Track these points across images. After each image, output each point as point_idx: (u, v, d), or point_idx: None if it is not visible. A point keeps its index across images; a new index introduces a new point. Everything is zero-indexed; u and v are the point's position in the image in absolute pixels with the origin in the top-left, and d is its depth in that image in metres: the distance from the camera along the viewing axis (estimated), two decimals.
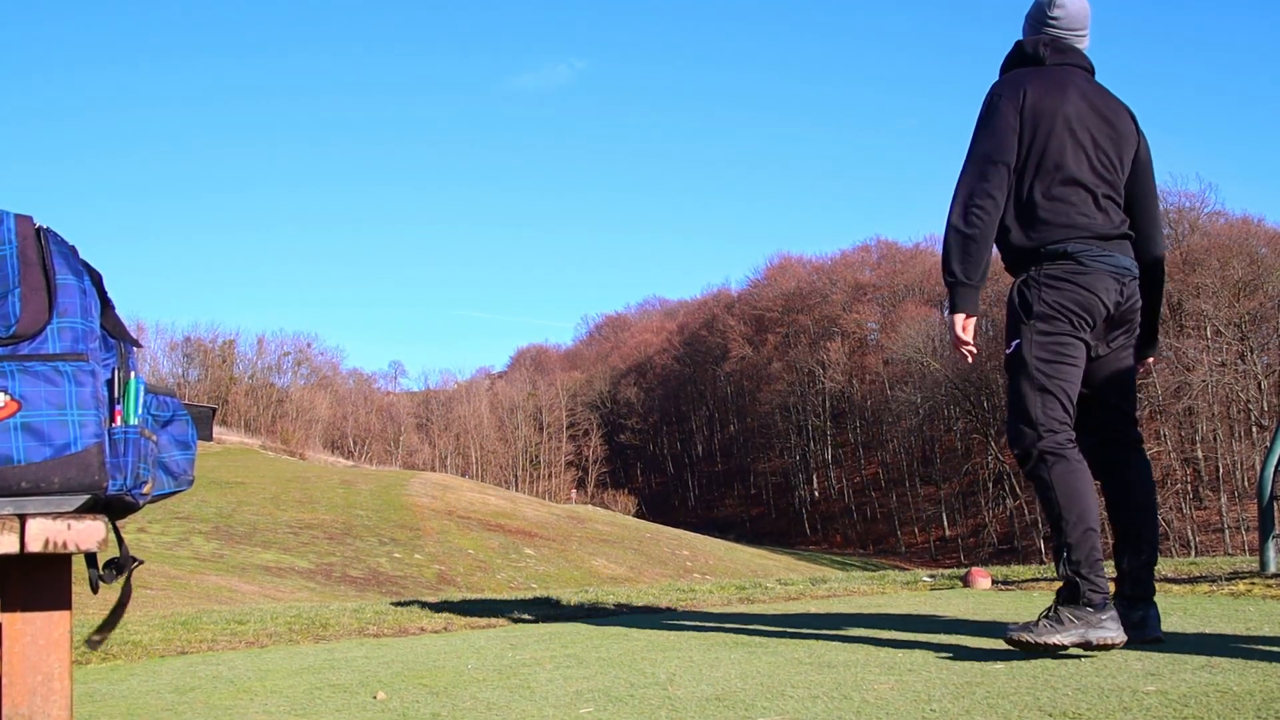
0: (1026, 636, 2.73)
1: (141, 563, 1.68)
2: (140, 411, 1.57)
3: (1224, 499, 50.94)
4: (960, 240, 3.01)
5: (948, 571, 6.39)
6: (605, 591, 5.96)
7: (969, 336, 3.03)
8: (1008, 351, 3.03)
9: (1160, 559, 8.16)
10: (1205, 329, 53.16)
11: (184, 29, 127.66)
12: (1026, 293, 2.99)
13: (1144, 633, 2.95)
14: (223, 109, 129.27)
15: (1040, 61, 3.13)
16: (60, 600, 1.53)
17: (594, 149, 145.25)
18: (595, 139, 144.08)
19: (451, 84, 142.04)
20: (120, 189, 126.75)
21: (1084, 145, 3.02)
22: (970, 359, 3.07)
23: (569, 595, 5.67)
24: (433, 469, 68.53)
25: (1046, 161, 2.99)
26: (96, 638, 1.74)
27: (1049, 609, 2.81)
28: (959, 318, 3.04)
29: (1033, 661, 2.73)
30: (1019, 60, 3.19)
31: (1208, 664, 2.57)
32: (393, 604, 5.56)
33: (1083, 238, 2.97)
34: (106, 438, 1.51)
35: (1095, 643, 2.72)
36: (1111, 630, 2.75)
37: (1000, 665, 2.70)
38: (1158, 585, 4.64)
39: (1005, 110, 3.01)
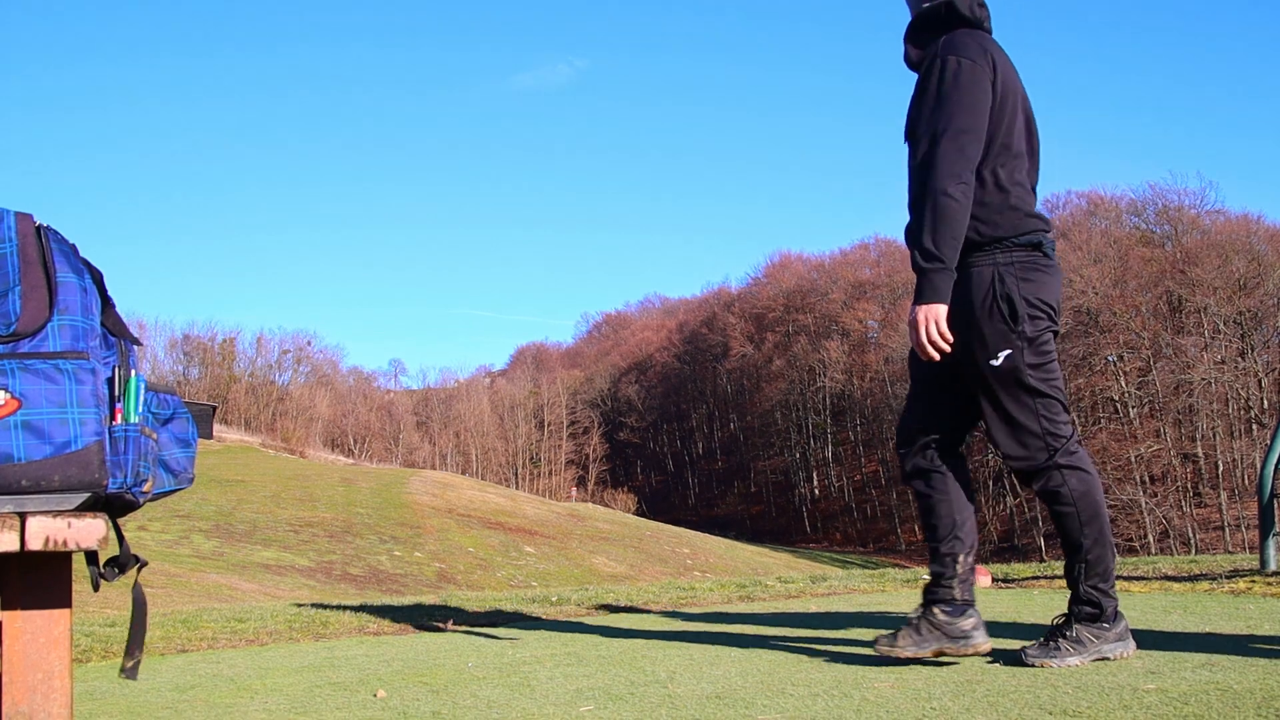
0: (1050, 663, 2.60)
1: (146, 563, 1.68)
2: (141, 409, 1.57)
3: (1224, 497, 50.92)
4: (947, 214, 2.59)
5: None
6: (605, 589, 5.97)
7: (948, 333, 2.64)
8: (994, 363, 2.64)
9: (1161, 556, 8.20)
10: (1205, 327, 53.16)
11: (182, 25, 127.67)
12: (1004, 289, 2.64)
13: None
14: (221, 106, 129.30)
15: (978, 25, 2.77)
16: (60, 598, 1.52)
17: (594, 147, 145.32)
18: (595, 137, 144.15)
19: (451, 82, 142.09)
20: (120, 187, 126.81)
21: (1026, 129, 2.78)
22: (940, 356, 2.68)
23: (569, 593, 5.67)
24: (433, 467, 68.56)
25: (1012, 143, 2.70)
26: (129, 664, 1.65)
27: (1065, 627, 2.68)
28: (940, 310, 2.62)
29: None
30: (954, 21, 2.76)
31: (1208, 662, 2.57)
32: (393, 602, 5.56)
33: (1043, 230, 2.73)
34: (107, 436, 1.51)
35: (1114, 658, 2.67)
36: (1129, 643, 2.70)
37: (1000, 663, 2.70)
38: (1159, 583, 4.65)
39: (982, 79, 2.64)
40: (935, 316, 2.62)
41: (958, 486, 2.80)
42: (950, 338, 2.64)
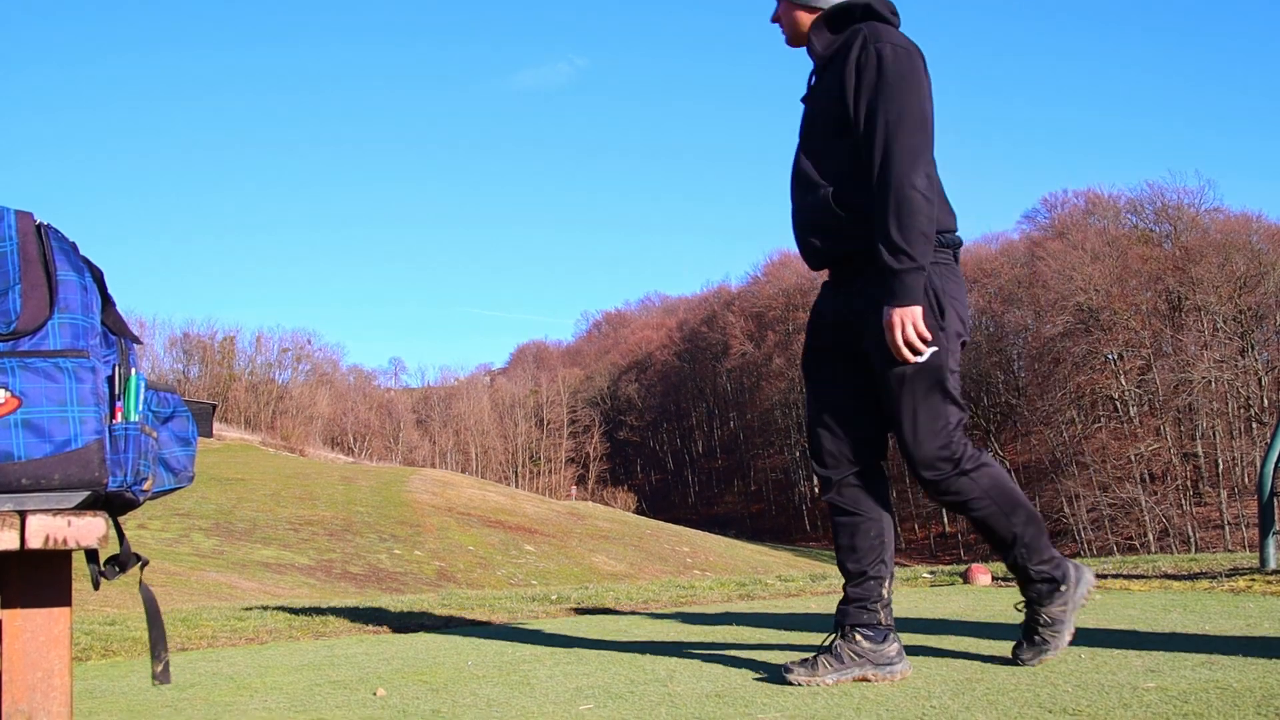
0: (1047, 657, 2.60)
1: (147, 562, 1.67)
2: (141, 408, 1.57)
3: (1224, 495, 50.92)
4: (917, 207, 2.43)
5: (948, 568, 6.39)
6: (605, 588, 5.97)
7: (926, 333, 2.49)
8: (920, 359, 2.49)
9: (1160, 555, 8.19)
10: (1205, 325, 53.16)
11: (182, 23, 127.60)
12: (933, 284, 2.52)
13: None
14: (221, 104, 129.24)
15: (893, 25, 2.66)
16: (60, 597, 1.52)
17: (594, 146, 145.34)
18: (595, 136, 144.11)
19: (451, 81, 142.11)
20: (120, 185, 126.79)
21: None
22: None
23: (569, 591, 5.67)
24: (433, 465, 68.57)
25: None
26: (159, 668, 1.63)
27: (1036, 617, 2.63)
28: (918, 312, 2.46)
29: None
30: (869, 19, 2.64)
31: (1208, 660, 2.57)
32: (392, 600, 5.57)
33: (956, 230, 2.65)
34: (107, 434, 1.51)
35: (1086, 600, 2.66)
36: (1086, 576, 2.66)
37: (1000, 662, 2.70)
38: (1159, 582, 4.65)
39: (921, 68, 2.53)
40: (912, 318, 2.46)
41: (882, 508, 2.67)
42: (929, 338, 2.49)
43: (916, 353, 2.49)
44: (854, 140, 2.55)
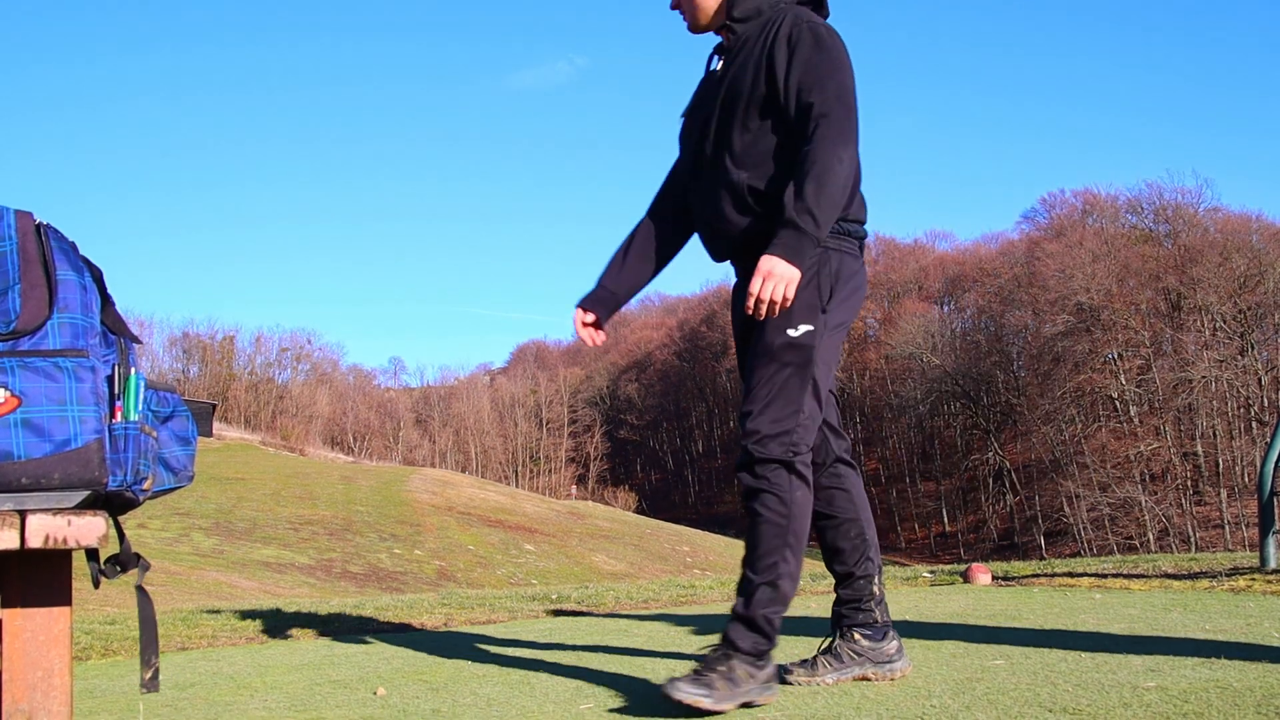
0: (703, 703, 2.20)
1: (149, 566, 1.67)
2: (140, 407, 1.57)
3: (1224, 495, 50.92)
4: (842, 183, 2.35)
5: (948, 567, 6.39)
6: (605, 587, 5.97)
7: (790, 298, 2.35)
8: (792, 333, 2.38)
9: (1160, 554, 8.15)
10: (1205, 325, 53.17)
11: (181, 21, 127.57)
12: (829, 268, 2.44)
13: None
14: (220, 102, 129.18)
15: (825, 13, 2.61)
16: (61, 596, 1.52)
17: (594, 145, 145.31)
18: (595, 135, 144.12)
19: (451, 79, 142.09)
20: (119, 184, 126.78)
21: None
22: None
23: (569, 591, 5.67)
24: (432, 465, 68.61)
25: None
26: (148, 674, 1.62)
27: (719, 660, 2.29)
28: (797, 276, 2.32)
29: (1032, 658, 2.74)
30: (804, 2, 2.59)
31: (1208, 660, 2.57)
32: (392, 600, 5.57)
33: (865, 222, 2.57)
34: (107, 433, 1.51)
35: (761, 694, 2.31)
36: (776, 686, 2.36)
37: (1000, 662, 2.70)
38: (1159, 581, 4.65)
39: (847, 54, 2.48)
40: (789, 278, 2.30)
41: (857, 506, 2.61)
42: (789, 301, 2.33)
43: (770, 314, 2.35)
44: (775, 120, 2.46)
